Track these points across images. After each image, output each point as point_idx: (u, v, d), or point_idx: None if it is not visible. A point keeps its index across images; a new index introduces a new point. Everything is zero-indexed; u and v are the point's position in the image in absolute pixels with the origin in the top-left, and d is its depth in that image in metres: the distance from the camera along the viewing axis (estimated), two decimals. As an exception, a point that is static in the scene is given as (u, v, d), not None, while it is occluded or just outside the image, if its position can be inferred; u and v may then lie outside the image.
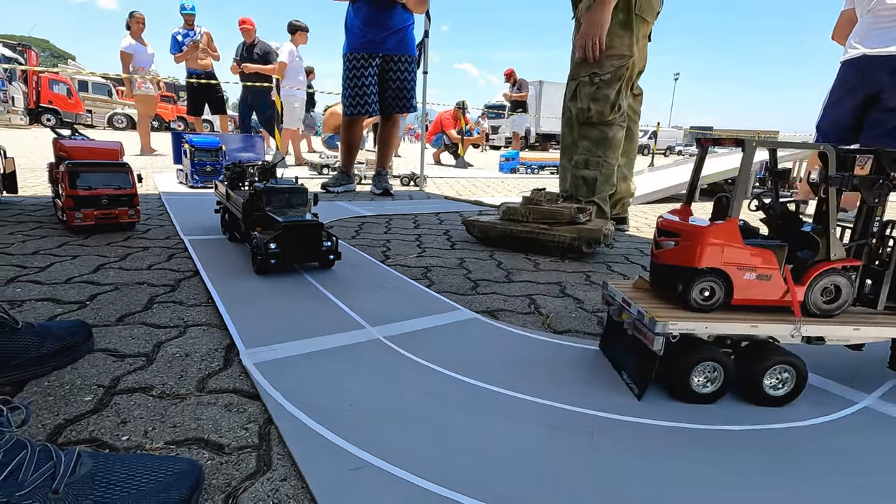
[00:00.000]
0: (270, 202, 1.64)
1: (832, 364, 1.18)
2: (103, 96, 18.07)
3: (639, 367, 0.97)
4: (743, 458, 0.80)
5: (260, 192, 1.64)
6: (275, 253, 1.50)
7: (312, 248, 1.59)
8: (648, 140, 15.88)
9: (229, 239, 2.02)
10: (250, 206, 1.69)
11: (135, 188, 2.12)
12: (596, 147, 2.44)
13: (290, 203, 1.67)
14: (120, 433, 0.77)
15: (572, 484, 0.71)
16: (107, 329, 1.14)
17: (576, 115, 2.47)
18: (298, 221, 1.56)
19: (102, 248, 1.83)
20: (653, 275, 1.04)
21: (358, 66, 3.48)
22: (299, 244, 1.55)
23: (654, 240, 1.01)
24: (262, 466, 0.71)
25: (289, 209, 1.66)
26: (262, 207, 1.64)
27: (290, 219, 1.56)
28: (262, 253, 1.50)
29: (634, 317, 0.95)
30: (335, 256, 1.63)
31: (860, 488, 0.75)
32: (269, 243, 1.49)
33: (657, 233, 1.01)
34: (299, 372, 0.99)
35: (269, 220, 1.60)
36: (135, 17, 6.35)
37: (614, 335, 1.12)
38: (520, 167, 7.26)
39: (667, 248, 0.96)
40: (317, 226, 1.58)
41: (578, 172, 2.48)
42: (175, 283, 1.49)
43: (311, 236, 1.58)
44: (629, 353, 1.03)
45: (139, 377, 0.94)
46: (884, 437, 0.89)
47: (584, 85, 2.39)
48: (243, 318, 1.23)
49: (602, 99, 2.36)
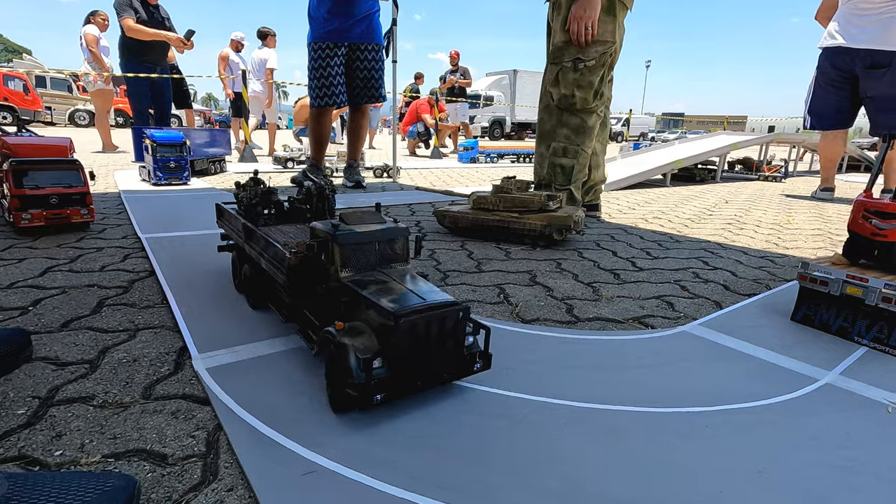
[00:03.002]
0: (349, 261, 0.90)
1: (794, 342, 1.19)
2: (63, 92, 17.33)
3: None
4: (709, 440, 0.79)
5: (327, 242, 0.90)
6: (384, 380, 0.78)
7: (447, 354, 0.84)
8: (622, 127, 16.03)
9: (253, 305, 1.25)
10: (308, 271, 0.96)
11: (87, 186, 2.02)
12: (575, 135, 2.41)
13: (383, 258, 0.94)
14: (53, 448, 0.72)
15: (532, 472, 0.69)
16: (49, 336, 1.07)
17: (558, 101, 2.41)
18: (424, 306, 0.79)
19: (52, 251, 1.74)
20: (860, 252, 1.25)
21: (324, 55, 3.39)
22: (427, 351, 0.81)
23: (863, 222, 1.23)
24: (207, 476, 0.67)
25: (383, 272, 0.91)
26: (329, 270, 0.90)
27: (406, 301, 0.80)
28: (356, 381, 0.76)
29: (882, 288, 1.12)
30: (483, 364, 0.89)
31: (825, 465, 0.75)
32: (371, 361, 0.76)
33: (870, 214, 1.22)
34: (257, 375, 0.95)
35: (355, 302, 0.86)
36: (99, 15, 6.07)
37: (825, 308, 1.27)
38: (479, 156, 7.22)
39: (895, 229, 1.18)
40: (455, 310, 0.82)
41: (556, 160, 2.46)
42: (128, 285, 1.42)
43: (448, 332, 0.82)
44: (866, 318, 1.18)
45: (80, 386, 0.88)
46: (846, 414, 0.90)
47: (568, 70, 2.32)
48: (200, 319, 1.18)
49: (586, 86, 2.31)
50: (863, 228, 1.24)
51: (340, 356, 0.78)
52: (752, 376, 1.03)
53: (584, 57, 2.27)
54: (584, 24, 2.19)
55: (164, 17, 5.39)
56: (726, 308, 1.43)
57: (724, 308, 1.43)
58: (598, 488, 0.68)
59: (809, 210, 3.59)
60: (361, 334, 0.81)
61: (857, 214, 1.26)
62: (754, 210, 3.47)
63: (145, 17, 5.15)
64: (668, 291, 1.57)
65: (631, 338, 1.20)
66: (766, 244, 2.35)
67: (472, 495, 0.66)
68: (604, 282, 1.65)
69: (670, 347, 1.16)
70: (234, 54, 7.62)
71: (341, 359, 0.78)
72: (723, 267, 1.89)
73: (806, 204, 3.93)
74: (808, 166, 7.85)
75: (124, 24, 5.06)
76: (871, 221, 1.22)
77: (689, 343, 1.19)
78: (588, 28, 2.19)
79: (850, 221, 1.28)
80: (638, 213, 3.16)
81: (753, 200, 4.02)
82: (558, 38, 2.36)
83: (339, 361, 0.79)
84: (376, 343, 0.79)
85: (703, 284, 1.66)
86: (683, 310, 1.41)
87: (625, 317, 1.34)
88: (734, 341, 1.19)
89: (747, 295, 1.56)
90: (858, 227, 1.25)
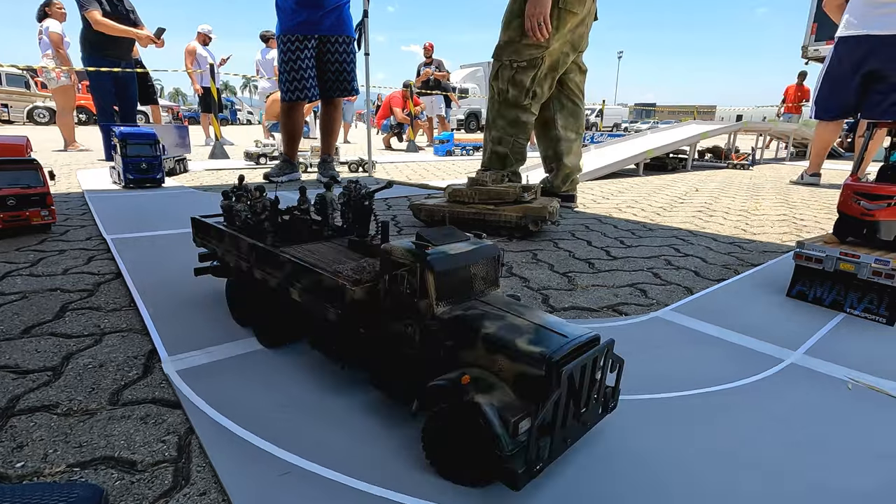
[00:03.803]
0: (444, 291, 0.72)
1: (761, 324, 1.23)
2: (20, 88, 16.55)
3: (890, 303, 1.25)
4: (682, 424, 0.81)
5: (415, 268, 0.71)
6: (535, 459, 0.60)
7: (592, 399, 0.70)
8: (596, 118, 16.21)
9: (269, 344, 1.04)
10: (373, 306, 0.79)
11: (47, 186, 1.94)
12: (509, 126, 2.55)
13: (476, 284, 0.78)
14: (14, 459, 0.69)
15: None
16: (8, 343, 1.03)
17: (496, 94, 2.58)
18: (573, 347, 0.64)
19: (11, 254, 1.66)
20: (848, 231, 1.38)
21: (293, 48, 3.32)
22: (577, 400, 0.66)
23: (852, 203, 1.35)
24: (179, 481, 0.66)
25: (483, 302, 0.74)
26: (419, 304, 0.72)
27: (550, 342, 0.64)
28: (506, 450, 0.59)
29: (872, 263, 1.23)
30: (615, 403, 0.76)
31: (794, 444, 0.78)
32: (518, 422, 0.60)
33: (859, 196, 1.34)
34: (231, 375, 0.93)
35: (465, 344, 0.68)
36: (55, 5, 5.79)
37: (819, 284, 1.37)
38: (455, 149, 7.20)
39: (881, 209, 1.30)
40: (603, 346, 0.69)
41: (494, 147, 2.61)
42: (93, 288, 1.37)
43: (596, 373, 0.69)
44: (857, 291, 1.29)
45: (42, 394, 0.85)
46: (812, 393, 0.93)
47: (505, 68, 2.49)
48: (170, 321, 1.14)
49: (518, 84, 2.46)
50: (852, 209, 1.37)
51: (472, 419, 0.61)
52: (722, 359, 1.06)
53: (518, 58, 2.43)
54: (535, 20, 2.28)
55: (128, 10, 5.17)
56: (697, 293, 1.46)
57: (694, 293, 1.46)
58: (570, 477, 0.69)
59: (775, 196, 3.70)
60: (493, 388, 0.63)
61: (847, 196, 1.38)
62: (723, 197, 3.56)
63: (108, 10, 4.93)
64: (641, 279, 1.60)
65: (605, 325, 1.22)
66: (734, 230, 2.41)
67: (455, 492, 0.66)
68: (579, 271, 1.67)
69: (643, 333, 1.18)
70: (202, 48, 7.40)
71: (475, 423, 0.61)
72: (693, 254, 1.93)
73: (772, 190, 4.05)
74: (774, 154, 8.08)
75: (90, 17, 4.83)
76: (859, 203, 1.35)
77: (662, 328, 1.22)
78: (541, 24, 2.26)
79: (840, 203, 1.40)
80: (612, 202, 3.21)
81: (723, 188, 4.12)
82: (501, 37, 2.49)
83: (469, 426, 0.62)
84: (514, 398, 0.63)
85: (674, 271, 1.70)
86: (656, 296, 1.44)
87: (599, 305, 1.36)
88: (705, 325, 1.23)
89: (717, 280, 1.60)
90: (848, 208, 1.38)
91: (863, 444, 0.78)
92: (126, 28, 5.02)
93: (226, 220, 1.18)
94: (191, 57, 7.33)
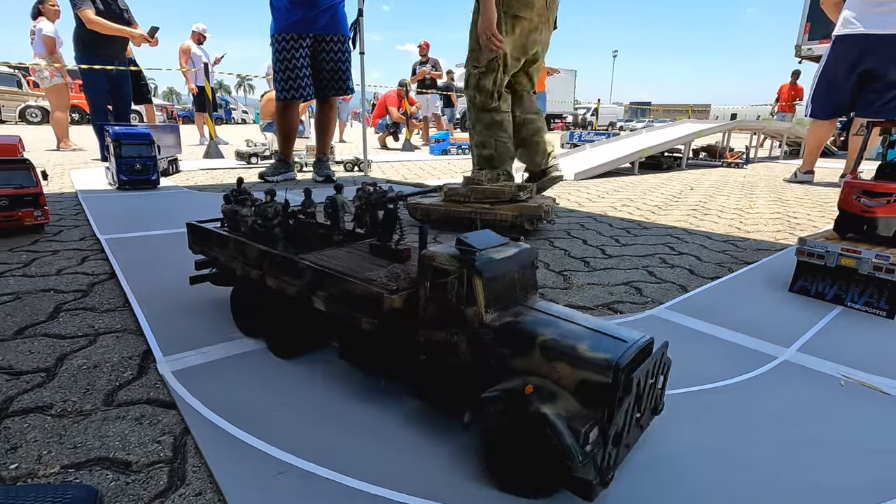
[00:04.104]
0: (491, 298, 0.70)
1: (755, 321, 1.24)
2: (12, 87, 16.42)
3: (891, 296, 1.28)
4: (675, 422, 0.82)
5: (461, 274, 0.69)
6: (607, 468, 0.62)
7: (649, 404, 0.71)
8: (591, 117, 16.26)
9: (283, 354, 1.00)
10: (428, 317, 0.74)
11: (39, 186, 1.93)
12: (487, 129, 2.61)
13: (519, 289, 0.75)
14: (8, 461, 0.68)
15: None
16: (2, 344, 1.02)
17: (470, 101, 2.67)
18: (635, 351, 0.63)
19: (3, 255, 1.65)
20: (849, 227, 1.40)
21: (288, 47, 3.31)
22: (639, 406, 0.66)
23: (852, 200, 1.38)
24: (174, 482, 0.66)
25: (529, 308, 0.72)
26: (466, 312, 0.69)
27: (611, 347, 0.63)
28: (578, 461, 0.58)
29: (873, 258, 1.26)
30: (663, 405, 0.75)
31: (787, 441, 0.78)
32: (588, 432, 0.58)
33: (859, 194, 1.37)
34: (226, 375, 0.93)
35: (521, 352, 0.67)
36: (48, 2, 5.74)
37: (821, 279, 1.40)
38: (450, 148, 7.20)
39: (881, 206, 1.33)
40: (661, 350, 0.69)
41: (479, 152, 2.66)
42: (87, 288, 1.37)
43: (654, 378, 0.69)
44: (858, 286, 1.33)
45: (36, 396, 0.84)
46: (804, 390, 0.94)
47: (472, 76, 2.57)
48: (166, 321, 1.14)
49: (483, 89, 2.52)
50: (853, 206, 1.39)
51: (539, 431, 0.59)
52: (716, 357, 1.07)
53: (478, 64, 2.51)
54: (484, 35, 2.38)
55: (122, 9, 5.13)
56: (691, 291, 1.47)
57: (689, 291, 1.47)
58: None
59: (769, 194, 3.72)
60: (556, 397, 0.62)
61: (848, 194, 1.40)
62: (718, 196, 3.58)
63: (102, 9, 4.89)
64: (637, 277, 1.61)
65: (601, 324, 1.22)
66: (728, 228, 2.43)
67: (456, 492, 0.66)
68: (574, 270, 1.67)
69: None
70: (196, 46, 7.36)
71: (543, 435, 0.59)
72: (688, 252, 1.94)
73: (766, 189, 4.07)
74: (767, 152, 8.12)
75: (84, 16, 4.79)
76: (859, 200, 1.38)
77: (657, 326, 1.22)
78: (490, 35, 2.35)
79: (841, 200, 1.42)
80: (607, 201, 3.22)
81: (717, 186, 4.14)
82: (469, 45, 2.57)
83: (536, 438, 0.60)
84: (578, 406, 0.61)
85: (669, 269, 1.70)
86: (651, 295, 1.45)
87: (595, 303, 1.37)
88: (699, 323, 1.23)
89: (711, 278, 1.61)
90: (849, 205, 1.41)
91: (855, 440, 0.79)
92: (119, 27, 4.98)
93: (228, 226, 1.13)
94: (185, 56, 7.29)
